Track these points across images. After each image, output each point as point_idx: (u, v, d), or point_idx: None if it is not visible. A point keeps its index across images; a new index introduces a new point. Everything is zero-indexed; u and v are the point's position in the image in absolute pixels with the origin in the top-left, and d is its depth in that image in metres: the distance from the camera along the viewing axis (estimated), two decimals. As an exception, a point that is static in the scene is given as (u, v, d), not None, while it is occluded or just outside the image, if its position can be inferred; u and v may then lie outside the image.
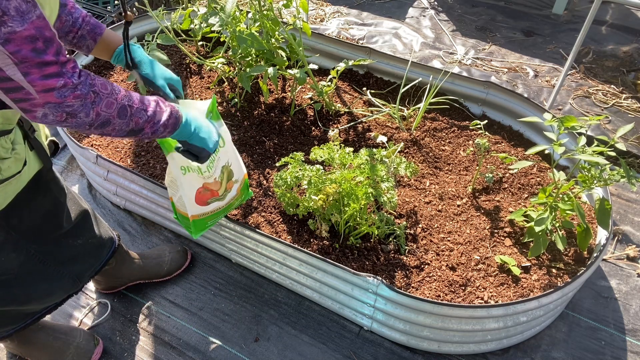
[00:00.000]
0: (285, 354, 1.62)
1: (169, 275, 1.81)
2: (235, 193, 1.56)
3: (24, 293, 1.24)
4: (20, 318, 1.34)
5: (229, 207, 1.58)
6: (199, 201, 1.43)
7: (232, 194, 1.54)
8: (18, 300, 1.25)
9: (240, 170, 1.55)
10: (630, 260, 1.89)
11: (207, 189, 1.43)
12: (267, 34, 2.02)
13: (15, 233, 1.14)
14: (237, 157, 1.53)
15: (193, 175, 1.37)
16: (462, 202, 1.87)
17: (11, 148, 1.01)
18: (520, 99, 2.10)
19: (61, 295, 1.38)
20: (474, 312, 1.42)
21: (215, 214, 1.54)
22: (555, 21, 3.26)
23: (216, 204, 1.50)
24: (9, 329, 1.34)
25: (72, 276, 1.37)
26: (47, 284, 1.29)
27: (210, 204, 1.47)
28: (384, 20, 3.30)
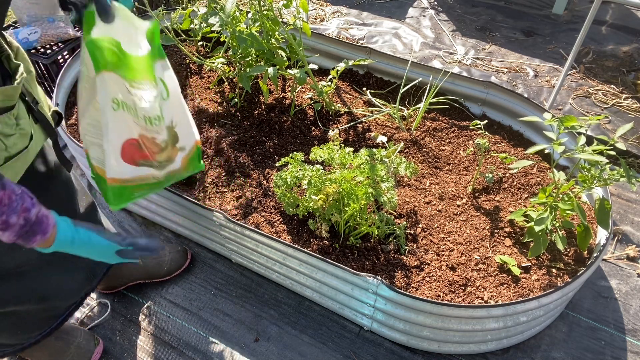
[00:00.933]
0: (285, 354, 1.62)
1: (169, 275, 1.81)
2: (179, 165, 1.19)
3: (40, 286, 1.25)
4: (45, 322, 1.34)
5: (168, 180, 1.22)
6: (127, 157, 1.05)
7: (174, 165, 1.18)
8: (35, 295, 1.25)
9: (188, 136, 1.19)
10: (630, 260, 1.89)
11: (141, 145, 1.06)
12: (267, 34, 2.02)
13: None
14: (187, 117, 1.18)
15: (127, 116, 1.00)
16: (462, 202, 1.87)
17: (15, 124, 0.98)
18: (520, 99, 2.10)
19: (78, 291, 1.39)
20: (474, 312, 1.42)
21: (146, 184, 1.15)
22: (555, 21, 3.26)
23: (148, 171, 1.12)
24: (37, 334, 1.33)
25: (85, 269, 1.38)
26: (62, 276, 1.30)
27: (140, 167, 1.09)
28: (384, 20, 3.30)
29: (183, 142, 1.17)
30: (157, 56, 1.07)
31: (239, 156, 2.03)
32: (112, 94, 0.98)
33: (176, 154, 1.16)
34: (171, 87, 1.10)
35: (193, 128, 1.21)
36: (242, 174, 1.97)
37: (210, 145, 2.07)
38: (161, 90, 1.07)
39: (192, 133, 1.21)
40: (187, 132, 1.18)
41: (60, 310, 1.38)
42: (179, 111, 1.14)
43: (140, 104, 1.01)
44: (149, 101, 1.03)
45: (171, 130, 1.12)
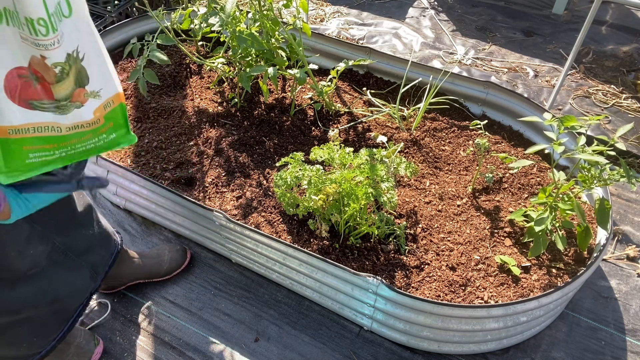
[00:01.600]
0: (285, 354, 1.62)
1: (169, 274, 1.81)
2: (92, 116, 0.92)
3: (51, 288, 1.26)
4: (57, 325, 1.36)
5: (80, 142, 0.93)
6: (14, 95, 0.79)
7: (83, 113, 0.90)
8: (48, 297, 1.26)
9: (106, 82, 0.93)
10: (630, 260, 1.89)
11: (33, 75, 0.81)
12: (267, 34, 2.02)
13: (37, 225, 1.16)
14: (103, 57, 0.92)
15: (11, 32, 0.76)
16: (462, 202, 1.87)
17: None
18: (520, 99, 2.10)
19: (85, 290, 1.41)
20: (474, 312, 1.42)
21: (48, 142, 0.87)
22: (555, 21, 3.26)
23: (46, 117, 0.85)
24: (50, 340, 1.35)
25: (89, 267, 1.39)
26: (69, 276, 1.32)
27: (34, 110, 0.83)
28: (384, 20, 3.30)
29: (96, 85, 0.90)
30: None
31: (239, 156, 2.03)
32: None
33: (85, 97, 0.89)
34: (76, 5, 0.84)
35: (113, 75, 0.95)
36: (242, 174, 1.97)
37: (210, 145, 2.07)
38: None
39: (112, 81, 0.95)
40: (102, 76, 0.92)
41: (70, 312, 1.40)
42: (88, 43, 0.87)
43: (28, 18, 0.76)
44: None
45: (75, 61, 0.86)
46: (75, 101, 0.88)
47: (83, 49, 0.87)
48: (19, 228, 1.12)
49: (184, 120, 2.19)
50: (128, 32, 2.58)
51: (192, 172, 1.98)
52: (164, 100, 2.29)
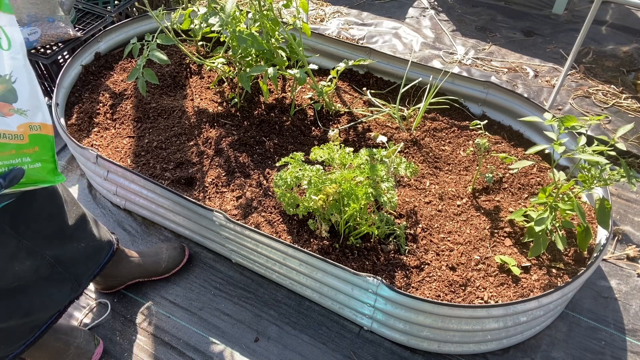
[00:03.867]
0: (285, 354, 1.62)
1: (167, 272, 1.81)
2: (15, 130, 0.99)
3: (27, 301, 1.24)
4: (27, 332, 1.33)
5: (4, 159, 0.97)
6: None
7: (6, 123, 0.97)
8: (22, 309, 1.24)
9: (35, 107, 1.03)
10: (630, 260, 1.89)
11: None
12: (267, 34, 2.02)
13: (26, 240, 1.14)
14: (35, 89, 1.04)
15: None
16: (462, 202, 1.87)
17: None
18: (520, 99, 2.10)
19: (62, 301, 1.38)
20: (474, 312, 1.42)
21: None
22: (555, 21, 3.26)
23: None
24: (20, 345, 1.32)
25: (71, 279, 1.37)
26: (49, 288, 1.29)
27: None
28: (384, 20, 3.30)
29: (23, 105, 1.00)
30: (2, 5, 1.02)
31: (239, 156, 2.03)
32: None
33: (10, 111, 0.97)
34: (15, 41, 1.02)
35: (43, 106, 1.05)
36: (242, 174, 1.97)
37: (210, 145, 2.07)
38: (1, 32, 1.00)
39: (41, 109, 1.04)
40: (31, 101, 1.02)
41: (42, 321, 1.36)
42: (21, 72, 1.01)
43: None
44: None
45: (7, 82, 0.98)
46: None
47: (15, 75, 1.00)
48: (3, 243, 1.09)
49: (184, 120, 2.19)
50: (128, 32, 2.58)
51: (192, 172, 1.98)
52: (164, 100, 2.29)
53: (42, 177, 1.03)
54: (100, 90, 2.34)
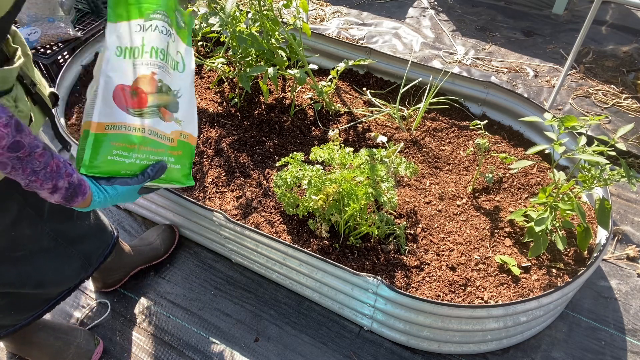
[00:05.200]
0: (285, 354, 1.62)
1: (167, 253, 1.88)
2: (168, 131, 1.11)
3: (37, 272, 1.26)
4: (38, 304, 1.37)
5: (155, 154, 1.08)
6: (117, 101, 1.04)
7: (163, 126, 1.10)
8: (32, 280, 1.26)
9: (189, 121, 1.19)
10: (630, 260, 1.89)
11: (134, 92, 1.06)
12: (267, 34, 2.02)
13: (31, 209, 1.16)
14: (193, 109, 1.21)
15: (127, 62, 1.06)
16: (462, 202, 1.87)
17: (14, 106, 1.00)
18: (520, 99, 2.10)
19: (73, 278, 1.41)
20: (474, 312, 1.42)
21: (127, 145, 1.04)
22: (555, 21, 3.26)
23: (134, 120, 1.05)
24: (28, 316, 1.36)
25: (81, 256, 1.40)
26: (58, 263, 1.32)
27: (127, 114, 1.04)
28: (384, 20, 3.30)
29: (180, 117, 1.16)
30: (186, 38, 1.19)
31: (239, 156, 2.03)
32: (117, 43, 1.06)
33: (169, 118, 1.12)
34: (188, 67, 1.18)
35: (195, 121, 1.22)
36: (242, 174, 1.97)
37: (210, 145, 2.07)
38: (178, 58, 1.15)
39: (193, 123, 1.21)
40: (188, 114, 1.18)
41: (52, 295, 1.40)
42: (187, 90, 1.17)
43: (150, 31, 1.09)
44: (161, 29, 1.10)
45: (174, 95, 1.14)
46: (161, 113, 1.11)
47: (182, 92, 1.17)
48: (7, 208, 1.11)
49: (184, 120, 2.18)
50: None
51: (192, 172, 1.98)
52: (164, 100, 2.29)
53: (177, 178, 1.17)
54: (100, 90, 2.33)
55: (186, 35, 1.20)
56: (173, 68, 1.15)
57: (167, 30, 1.13)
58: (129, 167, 1.05)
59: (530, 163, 1.67)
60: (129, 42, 1.07)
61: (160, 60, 1.10)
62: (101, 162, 1.01)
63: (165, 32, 1.12)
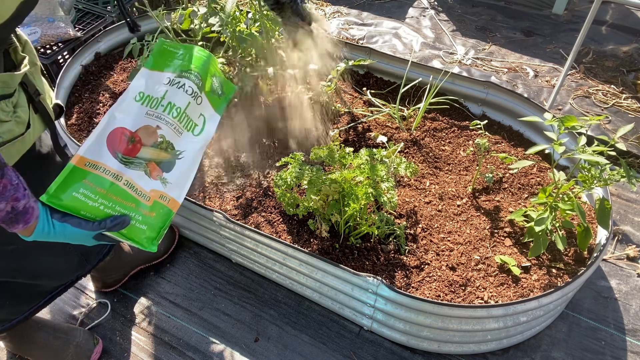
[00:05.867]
0: (285, 354, 1.62)
1: (167, 252, 1.87)
2: (147, 190, 1.05)
3: (31, 266, 1.27)
4: (34, 297, 1.36)
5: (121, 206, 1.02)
6: (109, 144, 1.02)
7: (143, 182, 1.05)
8: (26, 272, 1.26)
9: (178, 184, 1.11)
10: (630, 260, 1.89)
11: (133, 139, 1.04)
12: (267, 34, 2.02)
13: None
14: (189, 178, 1.14)
15: (141, 110, 1.06)
16: (462, 202, 1.87)
17: (12, 111, 1.01)
18: (520, 99, 2.10)
19: (69, 274, 1.41)
20: (474, 312, 1.42)
21: (102, 181, 1.00)
22: (555, 21, 3.26)
23: (115, 165, 1.02)
24: (25, 310, 1.35)
25: (78, 253, 1.39)
26: (54, 257, 1.32)
27: (115, 159, 1.02)
28: (384, 20, 3.30)
29: (170, 178, 1.10)
30: (218, 106, 1.20)
31: (239, 156, 2.03)
32: (142, 88, 1.08)
33: (156, 176, 1.07)
34: (205, 133, 1.16)
35: (185, 187, 1.13)
36: (242, 174, 1.97)
37: (210, 145, 2.07)
38: (199, 121, 1.15)
39: (182, 189, 1.13)
40: (180, 178, 1.11)
41: (49, 289, 1.40)
42: (192, 155, 1.13)
43: (176, 88, 1.10)
44: (187, 89, 1.11)
45: (174, 154, 1.10)
46: (148, 168, 1.06)
47: (185, 155, 1.12)
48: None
49: (184, 120, 2.18)
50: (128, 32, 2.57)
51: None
52: (164, 100, 2.29)
53: (139, 238, 1.06)
54: (100, 90, 2.34)
55: (219, 103, 1.20)
56: (187, 129, 1.13)
57: (194, 92, 1.13)
58: (91, 210, 0.99)
59: (530, 163, 1.67)
60: (152, 91, 1.09)
61: (173, 117, 1.09)
62: (66, 195, 0.97)
63: (191, 93, 1.12)
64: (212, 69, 1.19)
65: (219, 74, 1.22)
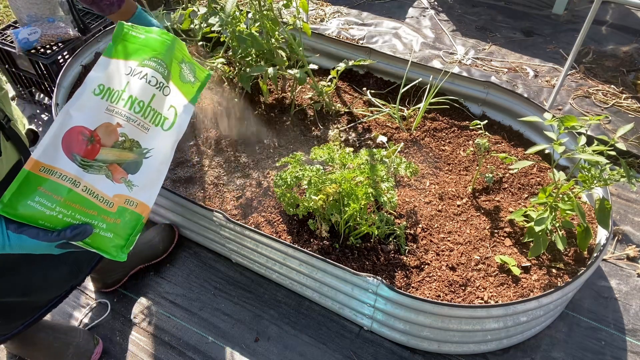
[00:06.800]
0: (285, 354, 1.62)
1: (166, 252, 1.87)
2: (110, 195, 0.96)
3: (23, 281, 1.25)
4: (27, 312, 1.34)
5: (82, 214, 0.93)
6: (65, 144, 0.92)
7: (105, 187, 0.95)
8: (19, 289, 1.24)
9: (146, 187, 1.01)
10: (630, 260, 1.89)
11: (92, 138, 0.94)
12: (267, 34, 2.02)
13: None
14: (159, 179, 1.04)
15: (101, 104, 0.96)
16: (462, 202, 1.87)
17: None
18: (520, 99, 2.10)
19: (62, 285, 1.38)
20: (474, 312, 1.42)
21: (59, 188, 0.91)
22: (555, 21, 3.26)
23: (74, 169, 0.93)
24: (19, 325, 1.33)
25: (69, 264, 1.37)
26: (45, 271, 1.30)
27: (74, 162, 0.93)
28: (384, 20, 3.30)
29: (137, 181, 0.99)
30: (191, 94, 1.09)
31: (239, 156, 2.03)
32: (102, 80, 0.97)
33: (120, 179, 0.97)
34: (176, 127, 1.05)
35: (155, 190, 1.03)
36: (242, 174, 1.97)
37: (210, 145, 2.07)
38: (169, 113, 1.04)
39: (151, 192, 1.02)
40: (148, 181, 1.01)
41: (42, 302, 1.37)
42: (162, 154, 1.02)
43: (137, 79, 0.99)
44: (151, 79, 1.00)
45: (140, 153, 0.99)
46: (110, 171, 0.96)
47: (154, 153, 1.00)
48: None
49: (184, 120, 2.18)
50: (128, 32, 2.57)
51: (192, 172, 1.98)
52: (164, 100, 2.29)
53: (105, 247, 0.98)
54: (100, 90, 2.33)
55: (192, 91, 1.10)
56: (155, 124, 1.01)
57: (158, 82, 1.02)
58: (48, 219, 0.90)
59: (530, 163, 1.67)
60: (112, 83, 0.97)
61: (135, 113, 0.97)
62: (21, 204, 0.88)
63: (155, 84, 1.01)
64: (179, 55, 1.08)
65: (188, 59, 1.11)
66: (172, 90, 1.05)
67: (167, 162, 1.04)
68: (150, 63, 1.02)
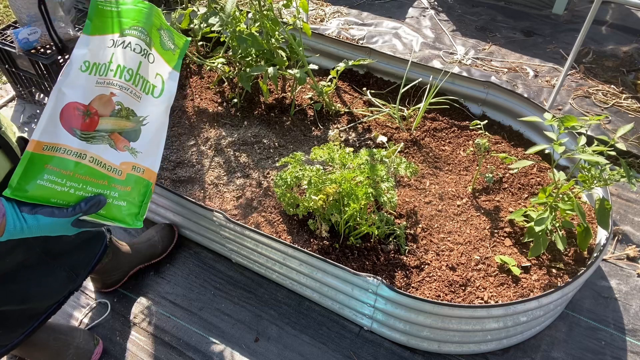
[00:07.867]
0: (285, 354, 1.62)
1: (165, 251, 1.87)
2: (117, 164, 0.98)
3: (21, 289, 1.24)
4: (27, 320, 1.33)
5: (93, 185, 0.95)
6: (64, 121, 0.94)
7: (111, 156, 0.98)
8: (17, 297, 1.24)
9: (149, 153, 1.04)
10: (630, 260, 1.89)
11: (88, 112, 0.96)
12: (267, 34, 2.02)
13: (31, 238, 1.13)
14: (159, 143, 1.07)
15: (90, 80, 0.98)
16: (462, 202, 1.87)
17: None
18: (520, 99, 2.10)
19: (60, 290, 1.38)
20: (474, 312, 1.42)
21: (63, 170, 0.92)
22: (555, 21, 3.26)
23: (78, 143, 0.94)
24: (19, 334, 1.33)
25: (66, 269, 1.36)
26: (42, 277, 1.29)
27: (74, 136, 0.94)
28: (384, 20, 3.30)
29: (139, 147, 1.02)
30: (173, 61, 1.11)
31: (239, 156, 2.03)
32: (86, 57, 0.98)
33: (123, 147, 0.99)
34: (166, 93, 1.08)
35: (158, 155, 1.07)
36: (242, 174, 1.97)
37: (210, 145, 2.07)
38: (157, 81, 1.06)
39: (155, 157, 1.06)
40: (150, 147, 1.04)
41: (41, 310, 1.36)
42: (158, 120, 1.05)
43: (121, 48, 1.01)
44: (135, 47, 1.01)
45: (138, 122, 1.02)
46: (112, 140, 0.98)
47: (150, 119, 1.04)
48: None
49: (184, 120, 2.19)
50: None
51: (192, 172, 1.98)
52: (164, 100, 2.29)
53: (120, 217, 0.99)
54: (100, 90, 2.33)
55: (174, 58, 1.11)
56: (146, 92, 1.04)
57: (142, 49, 1.03)
58: (60, 195, 0.91)
59: (530, 163, 1.67)
60: (97, 58, 0.99)
61: (126, 81, 1.00)
62: (31, 185, 0.89)
63: (140, 51, 1.03)
64: (157, 22, 1.09)
65: (165, 26, 1.11)
66: (156, 57, 1.07)
67: (164, 129, 1.08)
68: (132, 32, 1.03)
